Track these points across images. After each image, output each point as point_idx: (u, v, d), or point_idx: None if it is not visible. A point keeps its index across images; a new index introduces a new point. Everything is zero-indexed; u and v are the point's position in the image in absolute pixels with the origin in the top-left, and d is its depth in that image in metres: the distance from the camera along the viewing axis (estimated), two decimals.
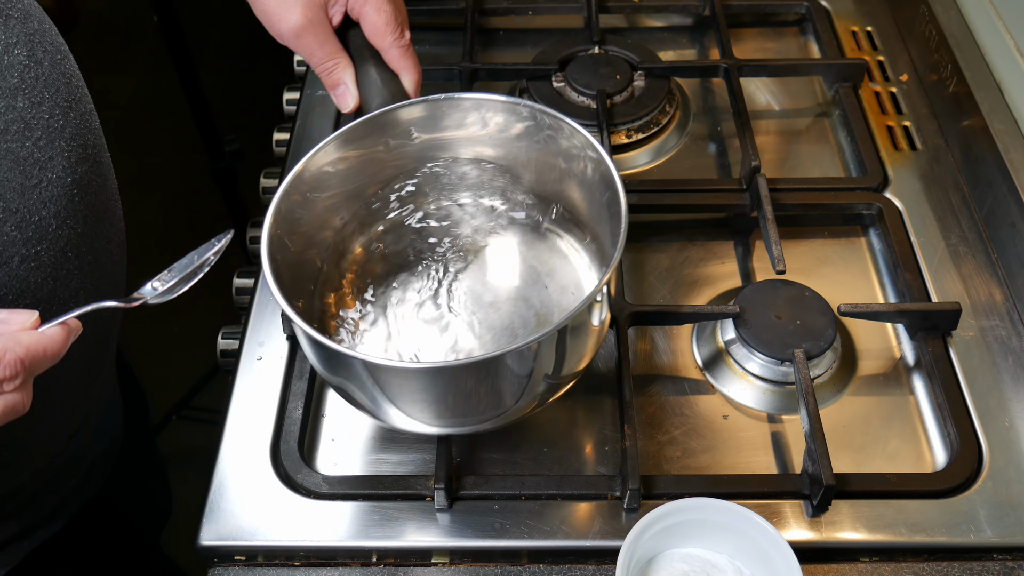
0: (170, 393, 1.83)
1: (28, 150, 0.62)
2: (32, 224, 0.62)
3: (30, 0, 0.68)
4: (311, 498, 0.68)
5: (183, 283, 0.59)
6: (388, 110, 0.70)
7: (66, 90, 0.67)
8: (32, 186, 0.62)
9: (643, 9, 1.08)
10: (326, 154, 0.68)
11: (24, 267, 0.62)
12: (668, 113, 0.95)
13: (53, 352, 0.52)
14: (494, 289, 0.73)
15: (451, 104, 0.70)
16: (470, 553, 0.66)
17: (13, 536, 0.77)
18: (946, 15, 0.98)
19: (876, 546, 0.66)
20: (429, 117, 0.71)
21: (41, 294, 0.64)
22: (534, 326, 0.70)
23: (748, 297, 0.76)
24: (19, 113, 0.62)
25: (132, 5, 2.61)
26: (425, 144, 0.73)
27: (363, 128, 0.69)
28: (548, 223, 0.76)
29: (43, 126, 0.64)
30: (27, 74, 0.63)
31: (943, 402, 0.72)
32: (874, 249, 0.85)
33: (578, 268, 0.74)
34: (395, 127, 0.71)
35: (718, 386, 0.75)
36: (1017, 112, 0.86)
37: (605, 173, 0.66)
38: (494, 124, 0.71)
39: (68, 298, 0.66)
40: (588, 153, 0.68)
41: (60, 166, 0.65)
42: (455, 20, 1.06)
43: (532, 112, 0.70)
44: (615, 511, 0.67)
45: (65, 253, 0.65)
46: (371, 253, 0.75)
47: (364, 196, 0.74)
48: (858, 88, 0.97)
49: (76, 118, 0.68)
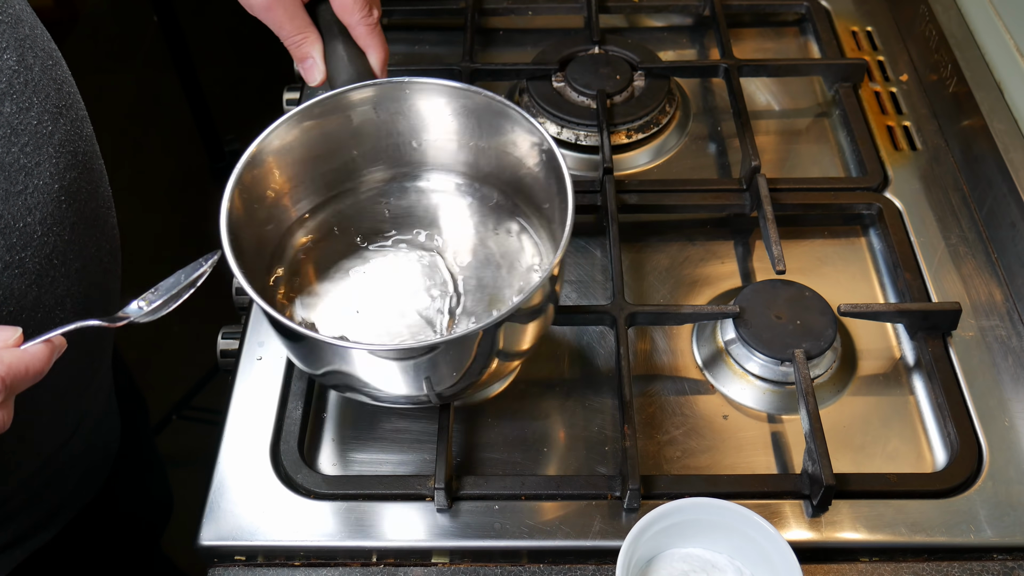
0: (170, 393, 1.83)
1: (14, 156, 0.62)
2: (16, 231, 0.62)
3: (21, 5, 0.68)
4: (311, 498, 0.68)
5: (169, 303, 0.59)
6: (349, 89, 0.70)
7: (56, 96, 0.67)
8: (17, 192, 0.62)
9: (643, 9, 1.08)
10: (287, 128, 0.69)
11: (7, 274, 0.62)
12: (668, 113, 0.95)
13: (35, 370, 0.52)
14: (451, 268, 0.73)
15: (413, 87, 0.72)
16: (470, 553, 0.66)
17: (5, 544, 0.77)
18: (946, 15, 0.98)
19: (876, 546, 0.66)
20: (391, 99, 0.72)
21: (25, 301, 0.63)
22: (486, 305, 0.71)
23: (748, 297, 0.76)
24: (6, 119, 0.62)
25: (132, 5, 2.61)
26: (386, 124, 0.74)
27: (325, 105, 0.70)
28: (504, 207, 0.76)
29: (31, 132, 0.63)
30: (16, 79, 0.63)
31: (943, 402, 0.72)
32: (874, 249, 0.85)
33: (530, 251, 0.74)
34: (357, 106, 0.72)
35: (718, 386, 0.75)
36: (1017, 112, 0.86)
37: (552, 161, 0.67)
38: (451, 109, 0.73)
39: (54, 305, 0.66)
40: (538, 141, 0.69)
41: (47, 172, 0.64)
42: (455, 20, 1.06)
43: (486, 99, 0.71)
44: (615, 511, 0.67)
45: (51, 260, 0.65)
46: (328, 231, 0.75)
47: (323, 173, 0.74)
48: (858, 88, 0.97)
49: (66, 124, 0.67)
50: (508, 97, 0.99)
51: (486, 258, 0.74)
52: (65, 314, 0.67)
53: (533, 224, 0.75)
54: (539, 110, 0.94)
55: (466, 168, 0.77)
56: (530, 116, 0.69)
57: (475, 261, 0.74)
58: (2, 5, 0.64)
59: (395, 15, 1.06)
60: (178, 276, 0.59)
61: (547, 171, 0.69)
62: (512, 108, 0.70)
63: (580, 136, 0.93)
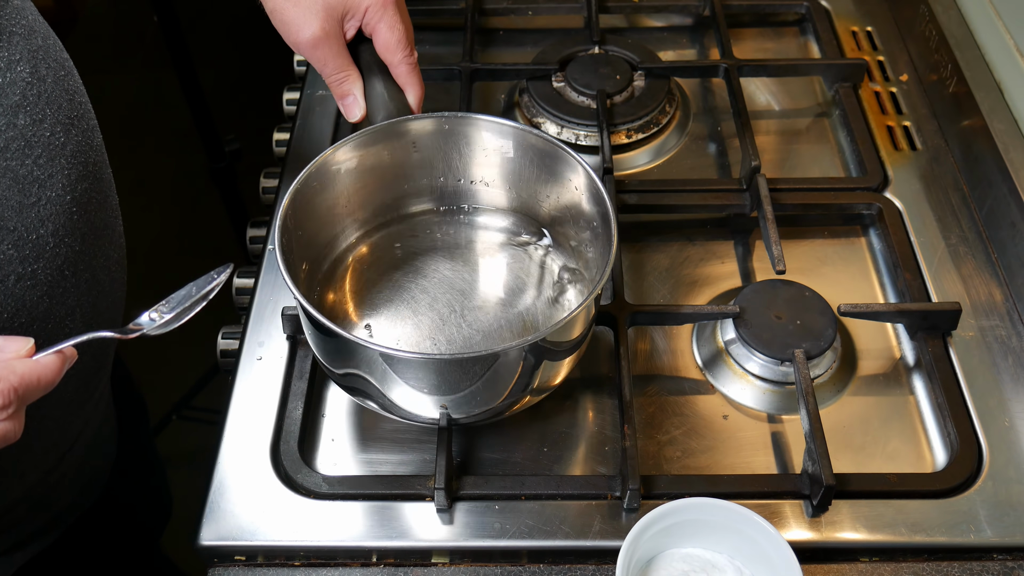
0: (170, 393, 1.83)
1: (28, 168, 0.62)
2: (30, 243, 0.62)
3: (35, 16, 0.68)
4: (311, 498, 0.68)
5: (181, 316, 0.59)
6: (395, 122, 0.73)
7: (68, 107, 0.67)
8: (31, 204, 0.62)
9: (643, 9, 1.08)
10: (340, 155, 0.71)
11: (20, 285, 0.62)
12: (668, 113, 0.95)
13: (47, 381, 0.52)
14: (484, 296, 0.75)
15: (454, 121, 0.74)
16: (470, 553, 0.66)
17: (5, 549, 0.77)
18: (946, 15, 0.98)
19: (876, 546, 0.66)
20: (432, 132, 0.74)
21: (37, 312, 0.63)
22: (520, 332, 0.72)
23: (748, 297, 0.76)
24: (20, 131, 0.62)
25: (132, 5, 2.61)
26: (425, 157, 0.76)
27: (369, 137, 0.73)
28: (541, 239, 0.78)
29: (44, 144, 0.63)
30: (29, 91, 0.63)
31: (943, 402, 0.72)
32: (874, 249, 0.85)
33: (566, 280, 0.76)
34: (399, 139, 0.74)
35: (718, 386, 0.75)
36: (1017, 112, 0.86)
37: (598, 197, 0.69)
38: (492, 144, 0.75)
39: (65, 316, 0.66)
40: (582, 179, 0.71)
41: (60, 184, 0.64)
42: (455, 20, 1.06)
43: (530, 136, 0.73)
44: (615, 511, 0.67)
45: (62, 271, 0.65)
46: (368, 256, 0.77)
47: (361, 201, 0.76)
48: (858, 88, 0.97)
49: (78, 135, 0.67)
50: (508, 97, 0.99)
51: (518, 287, 0.75)
52: (75, 324, 0.67)
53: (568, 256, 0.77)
54: (539, 110, 0.94)
55: (502, 200, 0.79)
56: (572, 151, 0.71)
57: (509, 289, 0.75)
58: (16, 16, 0.64)
59: None
60: (189, 288, 0.59)
61: (591, 205, 0.71)
62: (556, 144, 0.72)
63: (580, 136, 0.93)
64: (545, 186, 0.75)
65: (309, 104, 0.97)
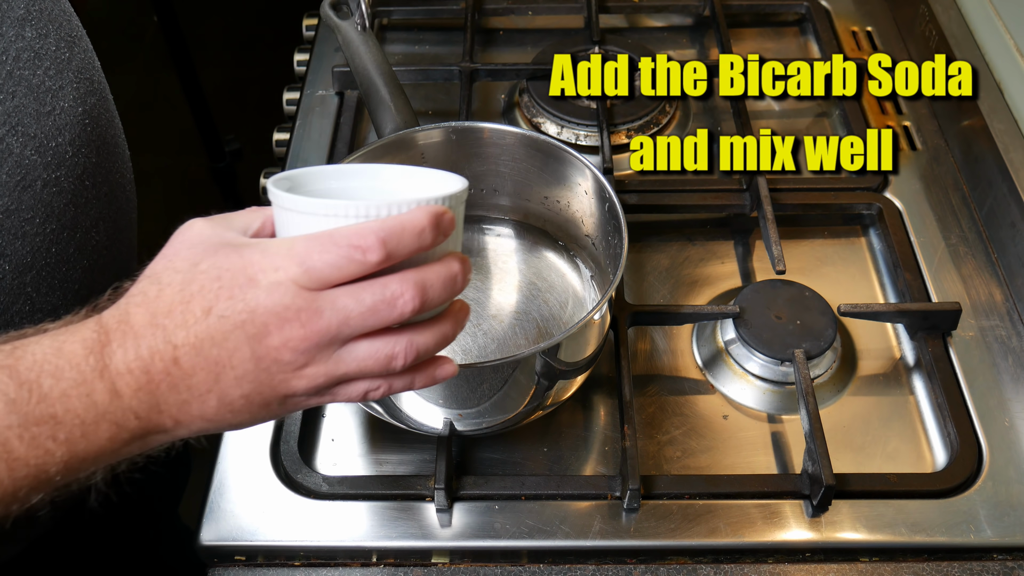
0: None
1: (40, 78, 0.64)
2: (50, 150, 0.64)
3: None
4: (311, 498, 0.68)
5: None
6: (404, 134, 0.74)
7: (68, 26, 0.69)
8: (47, 112, 0.64)
9: (643, 9, 1.08)
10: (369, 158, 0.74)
11: (47, 191, 0.63)
12: (668, 113, 0.95)
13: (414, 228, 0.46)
14: (498, 304, 0.75)
15: (461, 131, 0.75)
16: (470, 553, 0.66)
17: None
18: (946, 15, 0.98)
19: (876, 546, 0.66)
20: (440, 142, 0.75)
21: (65, 219, 0.65)
22: (535, 338, 0.73)
23: (748, 297, 0.76)
24: (28, 42, 0.64)
25: (132, 5, 2.61)
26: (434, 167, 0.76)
27: (379, 150, 0.74)
28: (550, 243, 0.79)
29: (51, 57, 0.65)
30: (32, 6, 0.65)
31: (943, 402, 0.72)
32: (874, 249, 0.85)
33: (578, 286, 0.77)
34: (408, 150, 0.75)
35: (718, 386, 0.75)
36: (1017, 112, 0.86)
37: (607, 201, 0.70)
38: (500, 151, 0.76)
39: (90, 227, 0.68)
40: (589, 181, 0.72)
41: (70, 96, 0.66)
42: (455, 20, 1.06)
43: (537, 141, 0.74)
44: (615, 511, 0.67)
45: (83, 181, 0.67)
46: None
47: None
48: None
49: (80, 53, 0.70)
50: (508, 97, 0.99)
51: (532, 294, 0.76)
52: (100, 237, 0.69)
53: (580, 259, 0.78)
54: (539, 110, 0.94)
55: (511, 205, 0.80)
56: (580, 156, 0.72)
57: (523, 297, 0.76)
58: None
59: (395, 15, 1.06)
60: None
61: (599, 210, 0.72)
62: (564, 149, 0.73)
63: (580, 136, 0.93)
64: (554, 191, 0.76)
65: (309, 104, 0.97)
